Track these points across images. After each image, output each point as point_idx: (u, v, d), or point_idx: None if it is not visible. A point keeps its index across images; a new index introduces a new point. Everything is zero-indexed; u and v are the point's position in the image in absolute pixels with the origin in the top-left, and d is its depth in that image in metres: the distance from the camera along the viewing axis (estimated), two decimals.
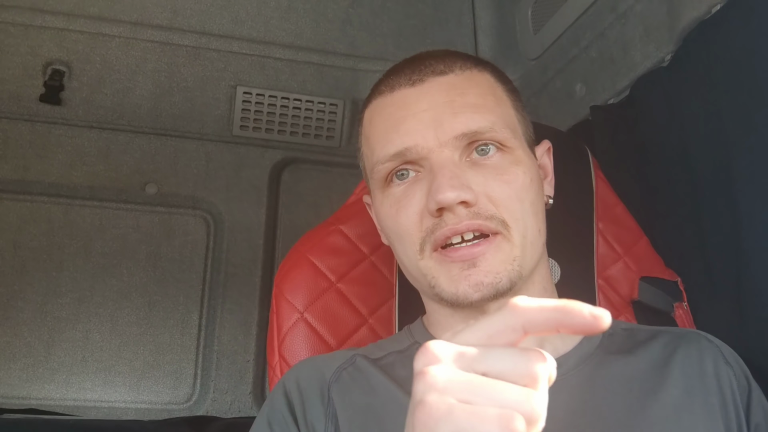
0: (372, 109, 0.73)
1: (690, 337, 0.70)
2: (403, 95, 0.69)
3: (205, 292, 1.89)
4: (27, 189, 1.81)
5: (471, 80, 0.69)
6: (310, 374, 0.68)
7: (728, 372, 0.67)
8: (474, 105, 0.66)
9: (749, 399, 0.67)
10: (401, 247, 0.68)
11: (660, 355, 0.68)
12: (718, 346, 0.70)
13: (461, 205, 0.62)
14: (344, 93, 1.89)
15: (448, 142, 0.64)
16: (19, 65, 1.73)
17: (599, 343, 0.69)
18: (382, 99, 0.71)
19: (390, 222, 0.68)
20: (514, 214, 0.64)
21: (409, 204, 0.65)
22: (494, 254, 0.62)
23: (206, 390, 1.83)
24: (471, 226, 0.62)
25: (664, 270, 0.99)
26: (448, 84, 0.68)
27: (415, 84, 0.69)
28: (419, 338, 0.72)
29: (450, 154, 0.64)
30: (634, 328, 0.74)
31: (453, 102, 0.66)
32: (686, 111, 1.06)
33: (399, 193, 0.67)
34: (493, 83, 0.71)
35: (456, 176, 0.62)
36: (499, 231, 0.63)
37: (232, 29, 1.77)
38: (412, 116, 0.66)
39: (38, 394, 1.73)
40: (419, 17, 1.86)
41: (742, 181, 0.95)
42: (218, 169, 1.93)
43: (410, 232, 0.65)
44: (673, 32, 1.11)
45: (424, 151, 0.65)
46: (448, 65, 0.70)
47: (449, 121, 0.65)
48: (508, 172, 0.65)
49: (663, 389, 0.64)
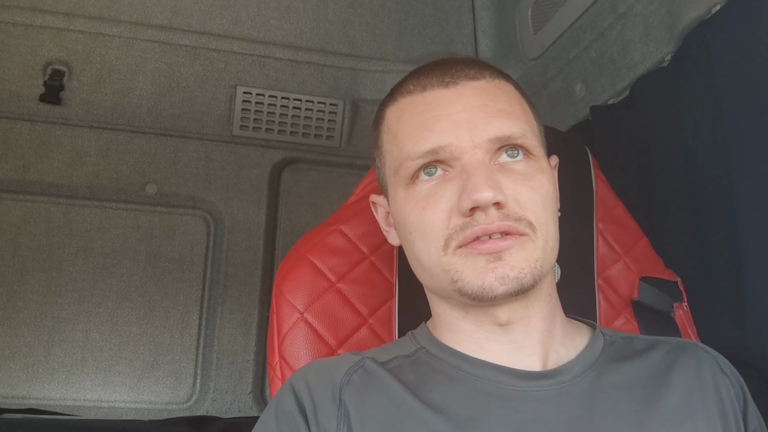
0: (400, 107, 0.72)
1: (687, 348, 0.72)
2: (436, 95, 0.69)
3: (205, 292, 1.89)
4: (27, 189, 1.81)
5: (500, 88, 0.70)
6: (320, 376, 0.68)
7: (725, 381, 0.69)
8: (506, 111, 0.68)
9: (745, 407, 0.69)
10: (423, 244, 0.68)
11: (660, 364, 0.69)
12: (714, 357, 0.72)
13: (494, 206, 0.63)
14: (344, 93, 1.89)
15: (482, 145, 0.65)
16: (19, 65, 1.73)
17: (601, 350, 0.70)
18: (412, 98, 0.71)
19: (414, 218, 0.68)
20: (540, 218, 0.65)
21: (438, 202, 0.66)
22: (519, 251, 0.64)
23: (206, 390, 1.83)
24: (502, 227, 0.63)
25: (664, 270, 0.99)
26: (480, 89, 0.69)
27: (448, 86, 0.69)
28: (425, 343, 0.72)
29: (483, 156, 0.65)
30: (633, 337, 0.75)
31: (487, 106, 0.67)
32: (686, 111, 1.07)
33: (426, 190, 0.67)
34: (518, 94, 0.73)
35: (491, 177, 0.64)
36: (526, 233, 0.64)
37: (232, 29, 1.77)
38: (446, 116, 0.67)
39: (38, 394, 1.73)
40: (419, 17, 1.87)
41: (742, 181, 0.95)
42: (218, 169, 1.93)
43: (436, 229, 0.66)
44: (673, 32, 1.11)
45: (458, 151, 0.65)
46: (479, 71, 0.71)
47: (484, 124, 0.66)
48: (535, 178, 0.66)
49: (664, 396, 0.66)
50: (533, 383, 0.65)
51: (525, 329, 0.68)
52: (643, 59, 1.20)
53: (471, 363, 0.68)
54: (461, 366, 0.68)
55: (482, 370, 0.67)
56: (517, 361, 0.67)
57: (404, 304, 0.88)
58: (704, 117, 1.02)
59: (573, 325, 0.74)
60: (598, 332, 0.73)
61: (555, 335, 0.70)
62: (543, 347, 0.68)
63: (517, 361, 0.68)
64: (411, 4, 1.86)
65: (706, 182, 1.02)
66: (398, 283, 0.89)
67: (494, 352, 0.68)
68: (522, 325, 0.68)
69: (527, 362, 0.68)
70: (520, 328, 0.68)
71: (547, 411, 0.63)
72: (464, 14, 1.87)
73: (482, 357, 0.68)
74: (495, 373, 0.66)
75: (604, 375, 0.67)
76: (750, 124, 0.94)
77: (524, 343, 0.68)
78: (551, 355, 0.69)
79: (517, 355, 0.68)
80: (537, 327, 0.69)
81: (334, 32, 1.82)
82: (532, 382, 0.65)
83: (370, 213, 0.92)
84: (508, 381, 0.65)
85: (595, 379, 0.67)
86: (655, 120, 1.15)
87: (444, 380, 0.67)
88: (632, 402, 0.65)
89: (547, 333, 0.69)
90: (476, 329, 0.69)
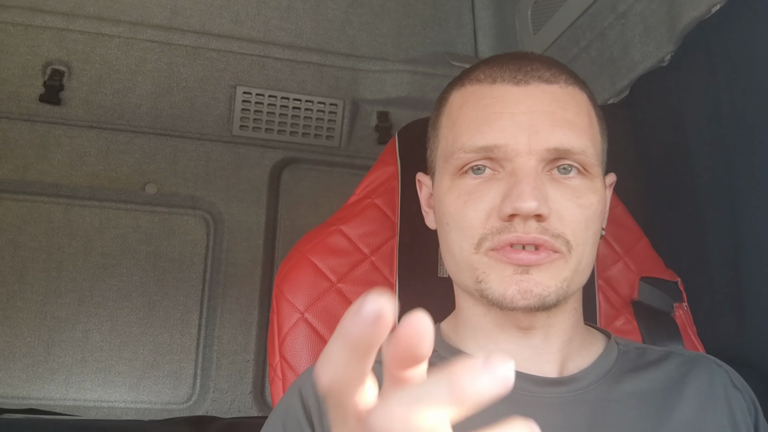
0: (465, 94, 0.70)
1: (700, 361, 0.71)
2: (505, 91, 0.66)
3: (205, 292, 1.89)
4: (27, 189, 1.80)
5: (573, 97, 0.68)
6: None
7: (737, 396, 0.68)
8: (572, 123, 0.65)
9: (756, 422, 0.68)
10: (457, 238, 0.66)
11: (673, 376, 0.69)
12: (726, 371, 0.71)
13: (535, 218, 0.61)
14: (344, 93, 1.89)
15: (538, 152, 0.63)
16: (19, 65, 1.73)
17: (615, 360, 0.70)
18: (480, 87, 0.68)
19: (453, 210, 0.66)
20: (578, 239, 0.63)
21: (481, 199, 0.64)
22: (548, 268, 0.62)
23: (206, 390, 1.83)
24: (537, 240, 0.61)
25: (664, 270, 0.99)
26: (551, 94, 0.66)
27: (519, 83, 0.66)
28: (437, 346, 0.71)
29: (536, 164, 0.63)
30: (646, 348, 0.75)
31: (554, 113, 0.65)
32: (686, 111, 1.07)
33: (472, 185, 0.65)
34: (590, 106, 0.70)
35: (538, 188, 0.61)
36: (561, 251, 0.62)
37: (231, 29, 1.77)
38: (509, 115, 0.65)
39: (38, 394, 1.73)
40: (419, 17, 1.87)
41: (742, 180, 0.95)
42: (218, 169, 1.93)
43: (473, 225, 0.64)
44: (673, 32, 1.11)
45: (512, 153, 0.63)
46: (554, 75, 0.68)
47: (546, 131, 0.63)
48: (585, 197, 0.64)
49: (677, 407, 0.66)
50: (547, 389, 0.65)
51: (546, 338, 0.67)
52: (643, 59, 1.20)
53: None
54: None
55: None
56: (534, 367, 0.67)
57: (404, 304, 0.88)
58: (704, 117, 1.02)
59: (590, 334, 0.74)
60: (612, 342, 0.73)
61: (575, 345, 0.70)
62: (561, 356, 0.68)
63: (534, 366, 0.67)
64: (411, 5, 1.86)
65: (706, 182, 1.02)
66: (398, 283, 0.89)
67: (512, 355, 0.67)
68: (543, 332, 0.67)
69: (544, 369, 0.67)
70: (540, 335, 0.67)
71: (559, 417, 0.63)
72: (464, 14, 1.87)
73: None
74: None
75: (617, 384, 0.67)
76: (750, 124, 0.94)
77: (543, 350, 0.67)
78: (569, 364, 0.68)
79: (534, 361, 0.67)
80: (558, 337, 0.68)
81: (333, 32, 1.82)
82: (547, 388, 0.65)
83: (370, 213, 0.92)
84: (522, 386, 0.65)
85: (608, 388, 0.67)
86: (655, 119, 1.15)
87: None
88: (644, 412, 0.65)
89: (567, 343, 0.68)
90: (496, 329, 0.68)
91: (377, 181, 0.94)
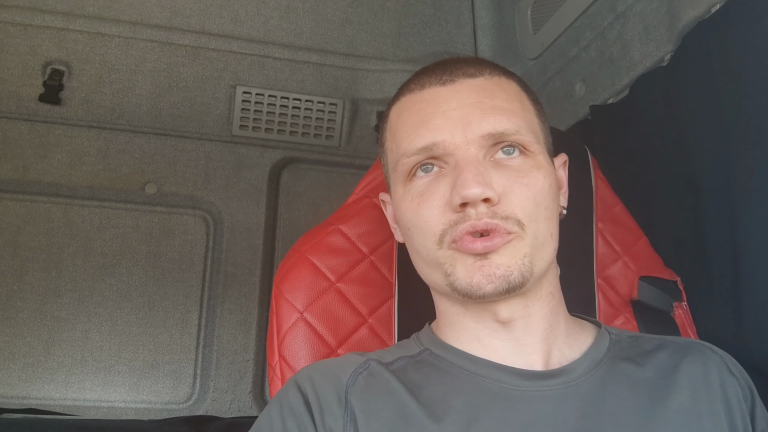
0: (401, 106, 0.74)
1: (695, 348, 0.72)
2: (434, 93, 0.70)
3: (205, 292, 1.89)
4: (26, 189, 1.81)
5: (499, 85, 0.71)
6: (325, 377, 0.68)
7: (733, 382, 0.68)
8: (502, 108, 0.68)
9: (753, 408, 0.68)
10: (420, 239, 0.68)
11: (666, 364, 0.69)
12: (722, 357, 0.71)
13: (483, 203, 0.64)
14: (344, 92, 1.89)
15: (475, 141, 0.66)
16: (19, 65, 1.73)
17: (606, 349, 0.70)
18: (411, 96, 0.72)
19: (410, 214, 0.69)
20: (530, 215, 0.65)
21: (432, 197, 0.67)
22: (505, 248, 0.64)
23: (206, 390, 1.83)
24: (489, 225, 0.63)
25: (663, 269, 0.99)
26: (477, 86, 0.70)
27: (445, 83, 0.70)
28: (429, 344, 0.72)
29: (476, 152, 0.66)
30: (639, 336, 0.75)
31: (482, 103, 0.68)
32: (686, 110, 1.07)
33: (422, 186, 0.68)
34: (519, 91, 0.73)
35: (480, 173, 0.64)
36: (514, 231, 0.64)
37: (231, 29, 1.77)
38: (441, 113, 0.68)
39: (38, 393, 1.73)
40: (418, 17, 1.87)
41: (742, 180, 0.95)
42: (218, 169, 1.93)
43: (431, 223, 0.67)
44: (673, 32, 1.11)
45: (451, 147, 0.66)
46: (478, 69, 0.72)
47: (477, 120, 0.67)
48: (528, 175, 0.67)
49: (671, 396, 0.66)
50: (538, 383, 0.65)
51: (526, 327, 0.68)
52: (643, 58, 1.20)
53: (475, 362, 0.68)
54: (465, 365, 0.68)
55: (487, 369, 0.67)
56: (519, 359, 0.68)
57: (404, 303, 0.88)
58: (704, 116, 1.02)
59: (577, 324, 0.74)
60: (603, 331, 0.73)
61: (558, 334, 0.70)
62: (545, 345, 0.69)
63: (519, 359, 0.68)
64: (411, 4, 1.86)
65: (705, 182, 1.02)
66: (398, 282, 0.89)
67: (495, 350, 0.68)
68: (522, 323, 0.68)
69: (529, 360, 0.68)
70: (520, 326, 0.68)
71: (551, 411, 0.63)
72: (464, 14, 1.87)
73: (485, 355, 0.68)
74: (500, 372, 0.66)
75: (609, 375, 0.67)
76: (750, 124, 0.94)
77: (525, 341, 0.68)
78: (554, 353, 0.69)
79: (518, 353, 0.68)
80: (538, 325, 0.69)
81: (333, 32, 1.82)
82: (537, 382, 0.65)
83: (369, 213, 0.92)
84: (513, 381, 0.66)
85: (600, 378, 0.67)
86: (655, 119, 1.15)
87: (448, 380, 0.67)
88: (638, 402, 0.65)
89: (549, 331, 0.69)
90: (477, 326, 0.69)
91: (376, 180, 0.94)
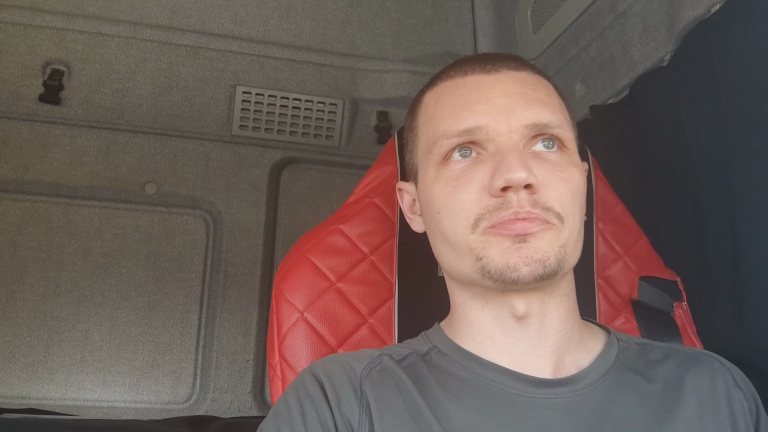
0: (439, 90, 0.73)
1: (702, 359, 0.71)
2: (478, 80, 0.70)
3: (205, 292, 1.89)
4: (26, 189, 1.80)
5: (540, 82, 0.72)
6: (339, 367, 0.68)
7: (739, 395, 0.68)
8: (545, 102, 0.69)
9: (758, 421, 0.68)
10: (451, 223, 0.67)
11: (674, 375, 0.69)
12: (729, 369, 0.71)
13: (525, 190, 0.63)
14: (344, 92, 1.89)
15: (518, 129, 0.66)
16: (19, 65, 1.73)
17: (615, 358, 0.70)
18: (452, 81, 0.72)
19: (444, 197, 0.68)
20: (567, 210, 0.65)
21: (470, 181, 0.66)
22: (544, 235, 0.63)
23: (206, 390, 1.83)
24: (531, 214, 0.63)
25: (663, 270, 0.99)
26: (521, 78, 0.70)
27: (490, 72, 0.70)
28: (438, 343, 0.72)
29: (517, 141, 0.66)
30: (647, 343, 0.75)
31: (526, 94, 0.68)
32: (685, 110, 1.07)
33: (458, 170, 0.67)
34: (555, 91, 0.74)
35: (524, 159, 0.64)
36: (553, 223, 0.64)
37: (231, 29, 1.77)
38: (486, 99, 0.68)
39: (38, 393, 1.73)
40: (418, 17, 1.87)
41: (741, 180, 0.95)
42: (218, 169, 1.93)
43: (466, 207, 0.66)
44: (673, 32, 1.11)
45: (494, 133, 0.66)
46: (520, 64, 0.72)
47: (522, 110, 0.67)
48: (567, 170, 0.67)
49: (678, 409, 0.65)
50: (546, 390, 0.65)
51: (541, 327, 0.67)
52: (643, 58, 1.20)
53: (484, 366, 0.67)
54: (474, 368, 0.67)
55: (496, 374, 0.66)
56: (530, 362, 0.67)
57: (404, 303, 0.88)
58: (704, 116, 1.02)
59: (588, 329, 0.73)
60: (613, 338, 0.72)
61: (571, 339, 0.69)
62: (558, 351, 0.68)
63: (530, 361, 0.67)
64: (410, 4, 1.86)
65: (705, 182, 1.02)
66: (398, 282, 0.89)
67: (508, 350, 0.67)
68: (538, 321, 0.67)
69: (539, 363, 0.67)
70: (536, 324, 0.67)
71: (558, 420, 0.63)
72: (464, 14, 1.87)
73: (496, 356, 0.68)
74: (508, 378, 0.66)
75: (617, 385, 0.67)
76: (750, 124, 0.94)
77: (539, 342, 0.67)
78: (566, 359, 0.68)
79: (530, 354, 0.67)
80: (553, 326, 0.68)
81: (333, 32, 1.82)
82: (545, 390, 0.65)
83: (370, 212, 0.92)
84: (521, 387, 0.65)
85: (608, 388, 0.66)
86: (655, 119, 1.15)
87: (456, 383, 0.67)
88: (645, 412, 0.65)
89: (563, 335, 0.68)
90: (493, 321, 0.68)
91: (377, 180, 0.94)
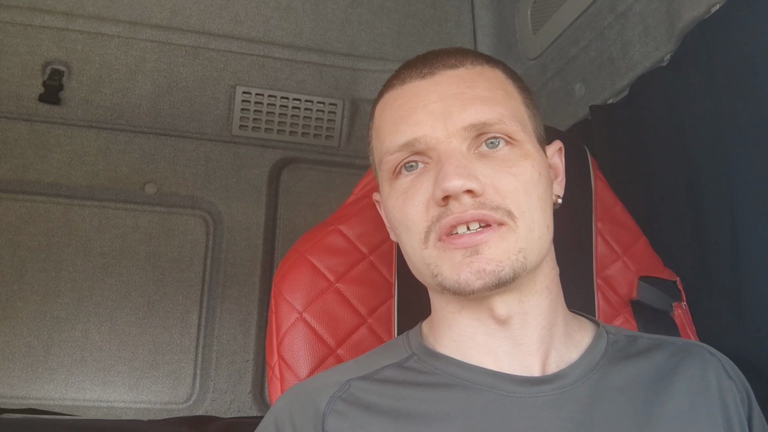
0: (383, 102, 0.72)
1: (693, 350, 0.70)
2: (414, 87, 0.69)
3: (205, 292, 1.89)
4: (26, 189, 1.81)
5: (481, 75, 0.69)
6: (303, 407, 0.66)
7: (731, 386, 0.67)
8: (483, 98, 0.66)
9: (750, 412, 0.67)
10: (407, 238, 0.67)
11: (664, 367, 0.68)
12: (720, 359, 0.70)
13: (467, 194, 0.62)
14: (343, 92, 1.89)
15: (457, 133, 0.64)
16: (18, 65, 1.73)
17: (604, 351, 0.69)
18: (393, 92, 0.71)
19: (397, 213, 0.67)
20: (521, 206, 0.63)
21: (416, 194, 0.65)
22: (497, 243, 0.62)
23: (205, 390, 1.83)
24: (476, 216, 0.61)
25: (663, 270, 0.99)
26: (458, 77, 0.68)
27: (425, 77, 0.69)
28: (417, 350, 0.71)
29: (458, 145, 0.64)
30: (637, 336, 0.73)
31: (463, 94, 0.66)
32: (685, 110, 1.07)
33: (406, 184, 0.67)
34: (504, 79, 0.71)
35: (462, 165, 0.62)
36: (504, 222, 0.62)
37: (231, 29, 1.77)
38: (422, 107, 0.66)
39: (37, 393, 1.73)
40: (418, 17, 1.87)
41: (741, 180, 0.95)
42: (217, 169, 1.93)
43: (416, 221, 0.65)
44: (673, 32, 1.11)
45: (433, 141, 0.65)
46: (459, 60, 0.70)
47: (458, 112, 0.65)
48: (516, 164, 0.64)
49: (667, 401, 0.64)
50: (533, 389, 0.64)
51: (523, 325, 0.66)
52: (643, 59, 1.20)
53: (468, 369, 0.66)
54: (457, 373, 0.66)
55: (480, 376, 0.65)
56: (516, 361, 0.66)
57: (403, 303, 0.88)
58: (704, 116, 1.02)
59: (576, 322, 0.72)
60: (601, 330, 0.71)
61: (556, 333, 0.68)
62: (543, 346, 0.66)
63: (516, 360, 0.66)
64: (410, 4, 1.85)
65: (705, 182, 1.02)
66: (397, 282, 0.89)
67: (492, 350, 0.66)
68: (520, 320, 0.66)
69: (526, 362, 0.66)
70: (518, 323, 0.66)
71: (546, 418, 0.62)
72: (464, 14, 1.87)
73: (479, 357, 0.66)
74: (493, 379, 0.64)
75: (605, 378, 0.66)
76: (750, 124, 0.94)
77: (523, 340, 0.66)
78: (552, 354, 0.67)
79: (515, 354, 0.66)
80: (536, 323, 0.66)
81: (333, 32, 1.82)
82: (532, 388, 0.64)
83: (369, 213, 0.92)
84: (507, 387, 0.64)
85: (596, 382, 0.65)
86: (655, 119, 1.15)
87: (439, 390, 0.65)
88: (634, 406, 0.64)
89: (547, 330, 0.67)
90: (473, 323, 0.67)
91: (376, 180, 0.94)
